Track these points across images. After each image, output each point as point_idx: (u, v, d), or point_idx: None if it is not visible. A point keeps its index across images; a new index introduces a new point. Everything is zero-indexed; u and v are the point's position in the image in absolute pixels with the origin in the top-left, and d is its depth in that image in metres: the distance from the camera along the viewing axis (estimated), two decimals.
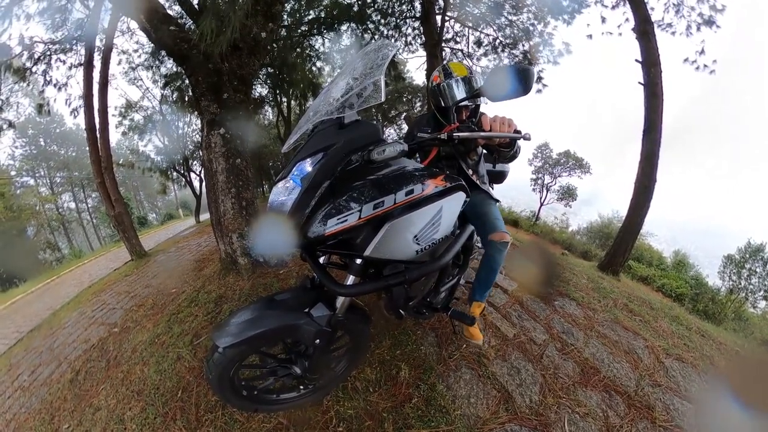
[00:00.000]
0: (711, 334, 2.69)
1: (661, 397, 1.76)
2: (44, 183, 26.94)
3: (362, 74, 1.01)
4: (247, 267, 3.17)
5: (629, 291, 3.40)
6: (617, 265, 6.35)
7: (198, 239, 7.10)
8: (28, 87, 6.38)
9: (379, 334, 2.03)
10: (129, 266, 6.32)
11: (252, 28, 3.13)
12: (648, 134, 5.94)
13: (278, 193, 1.01)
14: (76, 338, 3.23)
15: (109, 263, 8.66)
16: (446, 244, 1.19)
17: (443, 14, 8.52)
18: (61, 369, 2.70)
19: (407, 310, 1.43)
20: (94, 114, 6.04)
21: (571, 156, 18.29)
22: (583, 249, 13.39)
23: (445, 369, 1.82)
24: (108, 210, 6.43)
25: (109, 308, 3.83)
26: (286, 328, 1.14)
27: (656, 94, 5.84)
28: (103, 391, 2.13)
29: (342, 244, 1.05)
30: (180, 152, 12.27)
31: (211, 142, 3.12)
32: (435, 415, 1.54)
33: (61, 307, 5.12)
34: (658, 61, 5.80)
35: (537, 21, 8.28)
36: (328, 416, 1.54)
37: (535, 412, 1.58)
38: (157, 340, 2.48)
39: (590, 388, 1.75)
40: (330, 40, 8.40)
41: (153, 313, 3.07)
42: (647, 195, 6.06)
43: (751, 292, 11.85)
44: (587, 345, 2.11)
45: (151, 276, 4.78)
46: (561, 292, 2.77)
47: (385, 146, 0.99)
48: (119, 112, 11.94)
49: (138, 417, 1.78)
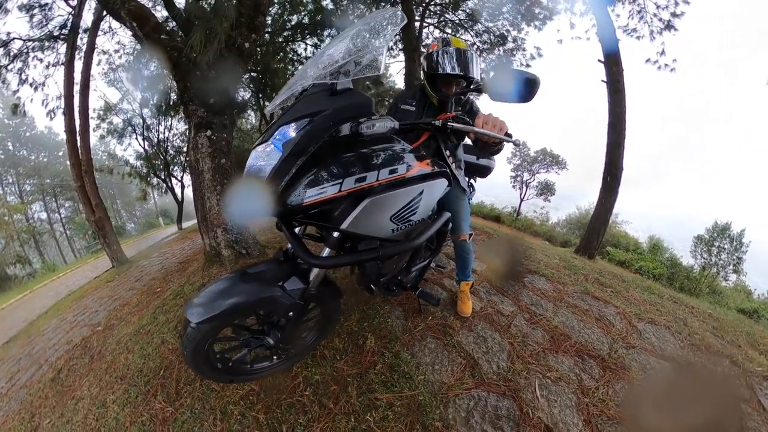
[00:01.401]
0: (683, 300, 2.74)
1: (636, 357, 1.76)
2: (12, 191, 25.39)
3: (364, 43, 0.96)
4: (231, 258, 3.28)
5: (601, 268, 3.43)
6: (592, 249, 6.76)
7: (181, 244, 6.97)
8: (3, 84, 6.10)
9: (349, 308, 2.07)
10: (110, 273, 6.16)
11: (236, 38, 3.28)
12: (613, 127, 6.47)
13: (257, 157, 0.95)
14: (57, 341, 3.15)
15: (88, 273, 8.37)
16: (422, 227, 1.21)
17: (422, 21, 8.92)
18: (41, 371, 2.63)
19: (378, 286, 1.44)
20: (75, 116, 5.92)
21: (547, 153, 19.00)
22: (563, 239, 13.90)
23: (410, 339, 1.84)
24: (88, 215, 6.28)
25: (92, 311, 3.74)
26: (259, 301, 1.13)
27: (619, 90, 6.38)
28: (86, 383, 2.09)
29: (319, 216, 1.02)
30: (161, 157, 12.01)
31: (198, 144, 3.26)
32: (398, 380, 1.57)
33: (38, 317, 4.96)
34: (619, 60, 6.34)
35: (512, 27, 8.79)
36: (297, 381, 1.58)
37: (503, 378, 1.58)
38: (142, 330, 2.46)
39: (561, 354, 1.74)
40: (313, 45, 8.55)
41: (138, 310, 3.05)
42: (615, 182, 6.58)
43: (722, 267, 12.56)
44: (556, 314, 2.12)
45: (135, 279, 4.69)
46: (531, 270, 2.80)
47: (375, 121, 0.95)
48: (97, 114, 11.62)
49: (120, 399, 1.78)
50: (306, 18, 7.61)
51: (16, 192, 25.59)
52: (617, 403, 1.48)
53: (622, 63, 6.37)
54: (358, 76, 0.95)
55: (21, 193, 25.66)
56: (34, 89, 6.35)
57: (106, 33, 7.49)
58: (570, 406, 1.46)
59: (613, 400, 1.49)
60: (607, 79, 6.51)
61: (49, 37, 5.89)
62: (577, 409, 1.45)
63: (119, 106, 11.86)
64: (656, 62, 7.84)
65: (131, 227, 31.07)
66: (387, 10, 1.09)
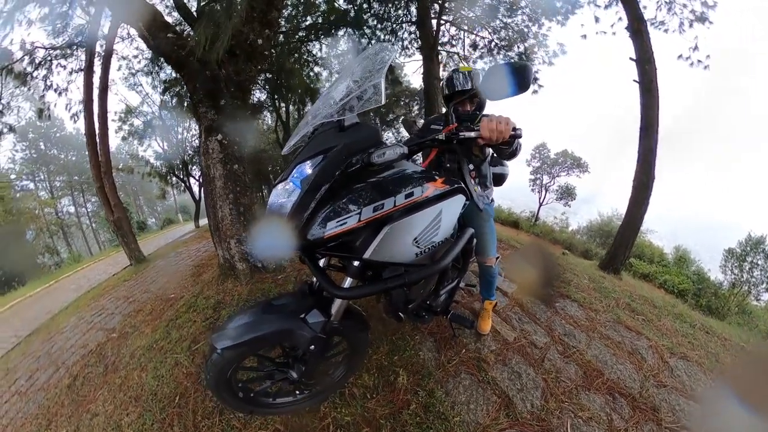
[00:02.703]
0: (715, 330, 2.65)
1: (666, 397, 1.72)
2: (44, 187, 26.76)
3: (362, 77, 1.01)
4: (246, 272, 3.18)
5: (631, 290, 3.36)
6: (618, 264, 6.34)
7: (197, 244, 7.13)
8: (29, 91, 6.44)
9: (377, 339, 2.01)
10: (128, 271, 6.35)
11: (248, 34, 3.17)
12: (645, 131, 5.95)
13: (278, 195, 1.00)
14: (74, 343, 3.25)
15: (108, 268, 8.68)
16: (446, 247, 1.18)
17: (438, 18, 8.65)
18: (58, 374, 2.71)
19: (406, 313, 1.42)
20: (94, 119, 6.09)
21: (568, 155, 18.44)
22: (583, 248, 13.40)
23: (443, 375, 1.79)
24: (107, 215, 6.47)
25: (108, 313, 3.85)
26: (281, 333, 1.15)
27: (651, 92, 5.86)
28: (101, 397, 2.12)
29: (341, 247, 1.04)
30: (179, 157, 12.30)
31: (209, 148, 3.14)
32: (433, 421, 1.51)
33: (59, 312, 5.14)
34: (652, 58, 5.83)
35: (531, 23, 8.36)
36: (325, 423, 1.52)
37: (537, 417, 1.54)
38: (155, 346, 2.48)
39: (593, 391, 1.71)
40: (327, 45, 8.50)
41: (151, 319, 3.08)
42: (646, 192, 6.06)
43: (754, 285, 11.71)
44: (589, 347, 2.08)
45: (150, 281, 4.80)
46: (562, 294, 2.75)
47: (385, 149, 0.99)
48: (119, 117, 12.03)
49: (135, 423, 1.76)
50: (320, 18, 7.55)
51: (47, 188, 27.07)
52: None
53: (655, 61, 5.84)
54: (362, 109, 0.97)
55: (51, 189, 27.13)
56: (58, 94, 6.59)
57: (125, 39, 7.70)
58: None
59: None
60: (639, 79, 6.00)
61: (69, 45, 6.12)
62: None
63: (139, 109, 12.24)
64: (688, 58, 7.29)
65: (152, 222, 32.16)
66: (375, 47, 1.15)
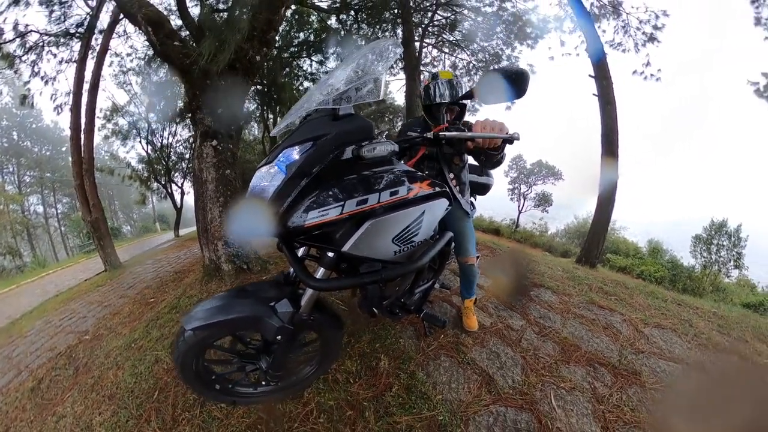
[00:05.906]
0: (687, 302, 2.77)
1: (645, 362, 1.80)
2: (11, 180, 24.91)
3: (364, 69, 0.99)
4: (231, 273, 3.21)
5: (604, 276, 3.46)
6: (593, 258, 6.89)
7: (177, 252, 6.87)
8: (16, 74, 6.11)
9: (359, 330, 2.05)
10: (102, 276, 6.06)
11: (248, 51, 3.36)
12: (606, 136, 6.79)
13: (261, 177, 0.96)
14: (40, 346, 3.02)
15: (79, 274, 8.24)
16: (424, 248, 1.19)
17: (422, 41, 9.54)
18: (20, 378, 2.50)
19: (381, 309, 1.43)
20: (81, 114, 5.93)
21: (543, 165, 19.46)
22: (563, 249, 13.93)
23: (424, 358, 1.83)
24: (84, 215, 6.23)
25: (79, 317, 3.64)
26: (249, 319, 1.13)
27: (610, 102, 6.75)
28: (69, 399, 1.97)
29: (321, 237, 1.02)
30: (163, 162, 12.03)
31: (203, 153, 3.25)
32: (416, 401, 1.54)
33: (21, 316, 4.84)
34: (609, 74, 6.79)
35: (505, 46, 9.43)
36: (309, 408, 1.51)
37: (520, 391, 1.59)
38: (134, 345, 2.37)
39: (573, 364, 1.78)
40: (318, 62, 8.89)
41: (129, 321, 2.96)
42: (612, 189, 6.83)
43: (723, 264, 12.66)
44: (565, 326, 2.16)
45: (127, 286, 4.57)
46: (536, 284, 2.83)
47: (376, 144, 0.97)
48: (104, 114, 11.71)
49: (108, 421, 1.65)
50: (312, 36, 7.90)
51: (15, 182, 25.21)
52: (632, 407, 1.51)
53: (611, 76, 6.75)
54: (359, 101, 0.97)
55: (20, 184, 25.27)
56: (45, 83, 6.33)
57: (121, 36, 7.59)
58: (587, 414, 1.49)
59: (627, 405, 1.52)
60: (598, 92, 6.89)
61: (65, 33, 5.91)
62: (593, 417, 1.47)
63: (126, 108, 11.95)
64: (642, 73, 8.40)
65: (127, 230, 30.79)
66: (386, 40, 1.11)
